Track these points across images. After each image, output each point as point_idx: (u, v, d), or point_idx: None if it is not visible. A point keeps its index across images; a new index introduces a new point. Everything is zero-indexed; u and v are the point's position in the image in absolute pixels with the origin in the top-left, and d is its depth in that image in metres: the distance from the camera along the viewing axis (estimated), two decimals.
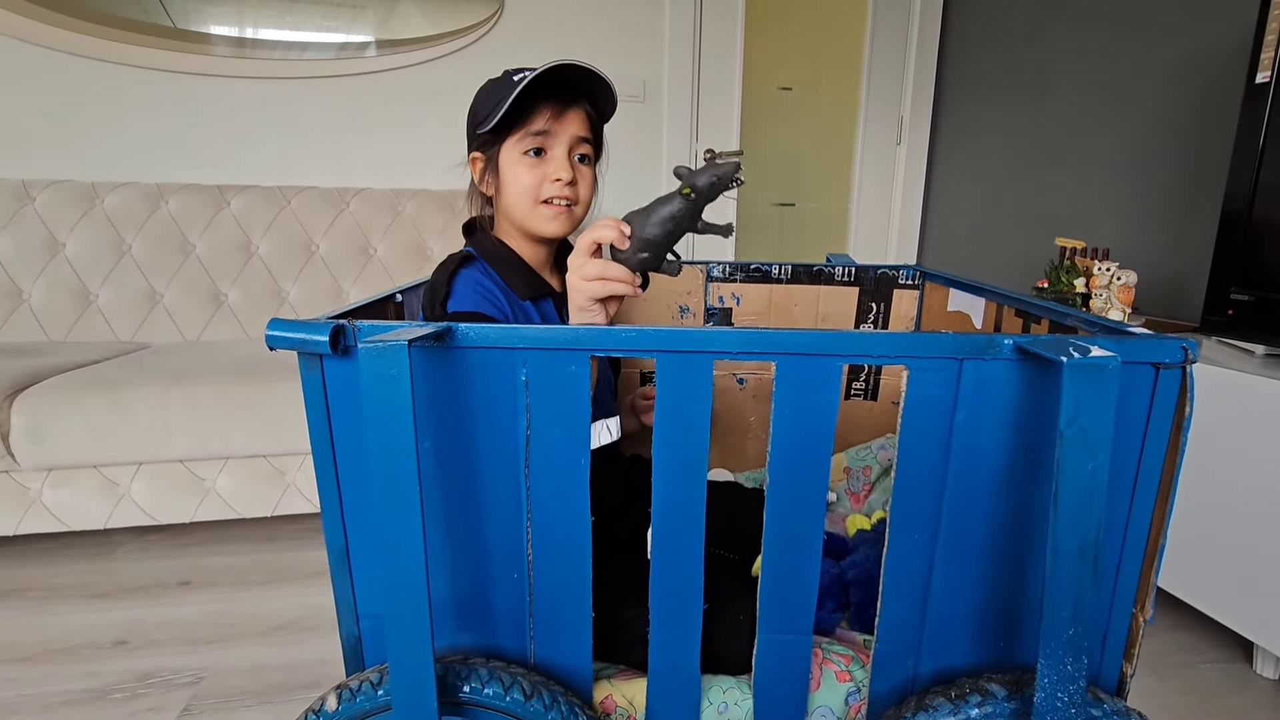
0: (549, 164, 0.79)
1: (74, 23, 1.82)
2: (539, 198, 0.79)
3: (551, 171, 0.78)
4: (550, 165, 0.79)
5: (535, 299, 0.82)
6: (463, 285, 0.78)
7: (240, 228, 1.85)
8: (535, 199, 0.79)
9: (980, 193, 2.28)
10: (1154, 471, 0.57)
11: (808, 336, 0.55)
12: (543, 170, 0.79)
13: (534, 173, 0.79)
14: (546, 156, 0.79)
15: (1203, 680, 1.09)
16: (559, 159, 0.79)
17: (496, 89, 0.78)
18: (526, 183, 0.79)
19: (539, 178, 0.79)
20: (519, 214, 0.81)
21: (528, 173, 0.79)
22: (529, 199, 0.79)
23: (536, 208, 0.80)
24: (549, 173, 0.79)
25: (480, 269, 0.81)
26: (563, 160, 0.79)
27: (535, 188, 0.79)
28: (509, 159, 0.79)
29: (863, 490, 1.13)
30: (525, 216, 0.81)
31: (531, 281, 0.83)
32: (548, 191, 0.79)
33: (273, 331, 0.53)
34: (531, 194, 0.79)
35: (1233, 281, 1.10)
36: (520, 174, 0.79)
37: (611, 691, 0.68)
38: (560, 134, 0.79)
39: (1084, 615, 0.50)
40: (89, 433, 1.32)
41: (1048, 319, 0.77)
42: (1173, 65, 1.58)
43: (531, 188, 0.79)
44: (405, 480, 0.50)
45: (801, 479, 0.59)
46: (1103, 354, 0.47)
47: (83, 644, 1.15)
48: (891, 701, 0.63)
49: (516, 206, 0.80)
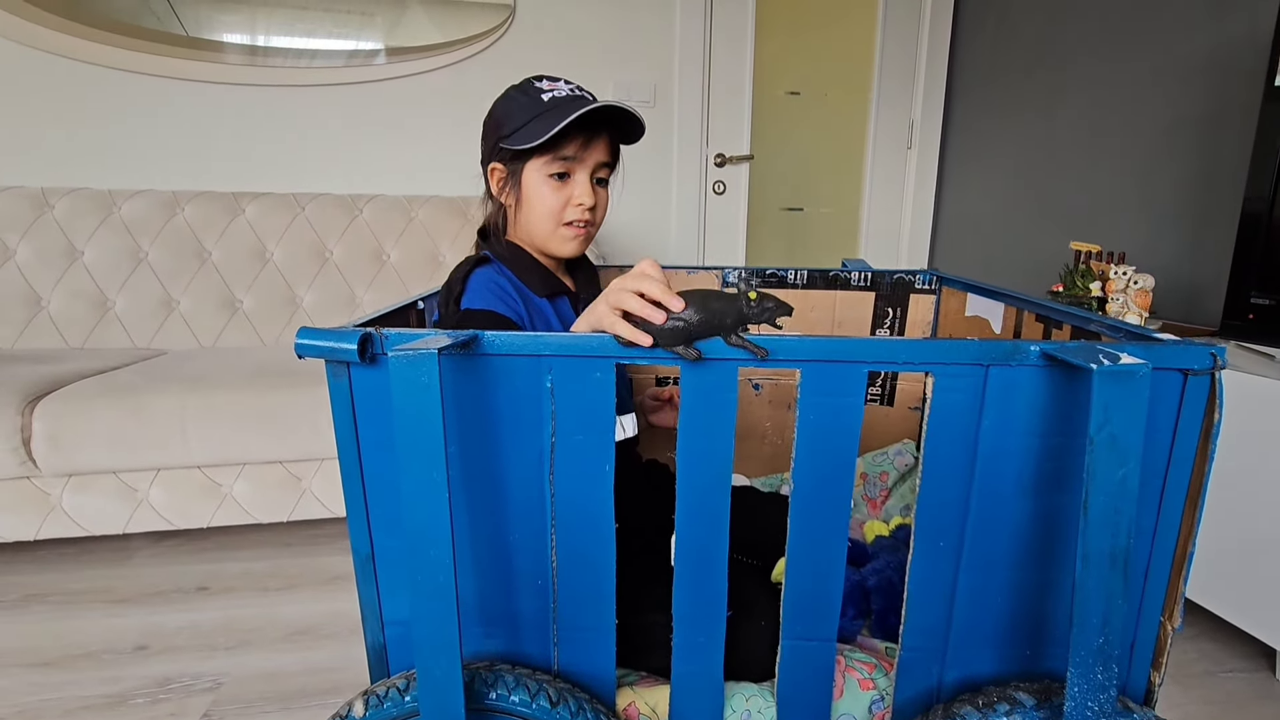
0: (573, 188, 0.82)
1: (91, 31, 1.84)
2: (561, 220, 0.82)
3: (576, 196, 0.81)
4: (574, 189, 0.81)
5: (552, 296, 0.84)
6: (477, 283, 0.79)
7: (255, 234, 1.86)
8: (558, 221, 0.82)
9: (992, 196, 2.27)
10: (1182, 478, 0.57)
11: (832, 344, 0.55)
12: (566, 194, 0.81)
13: (558, 196, 0.81)
14: (570, 180, 0.82)
15: (1225, 689, 1.08)
16: (582, 183, 0.82)
17: (525, 103, 0.80)
18: (551, 205, 0.81)
19: (563, 201, 0.81)
20: (539, 233, 0.83)
21: (552, 195, 0.81)
22: (552, 220, 0.82)
23: (558, 229, 0.83)
24: (573, 197, 0.81)
25: (496, 268, 0.83)
26: (585, 185, 0.82)
27: (559, 210, 0.82)
28: (534, 178, 0.81)
29: (880, 496, 1.13)
30: (545, 236, 0.83)
31: (548, 280, 0.85)
32: (569, 215, 0.82)
33: (302, 340, 0.54)
34: (555, 216, 0.82)
35: (1253, 285, 1.09)
36: (545, 195, 0.81)
37: (634, 698, 0.68)
38: (586, 160, 0.81)
39: (1114, 623, 0.50)
40: (108, 438, 1.33)
41: (1070, 325, 0.76)
42: (1189, 67, 1.57)
43: (555, 210, 0.82)
44: (435, 487, 0.50)
45: (826, 485, 0.59)
46: (1133, 361, 0.47)
47: (103, 649, 1.16)
48: (917, 710, 0.63)
49: (538, 226, 0.83)
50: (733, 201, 2.40)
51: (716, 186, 2.38)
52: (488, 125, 0.84)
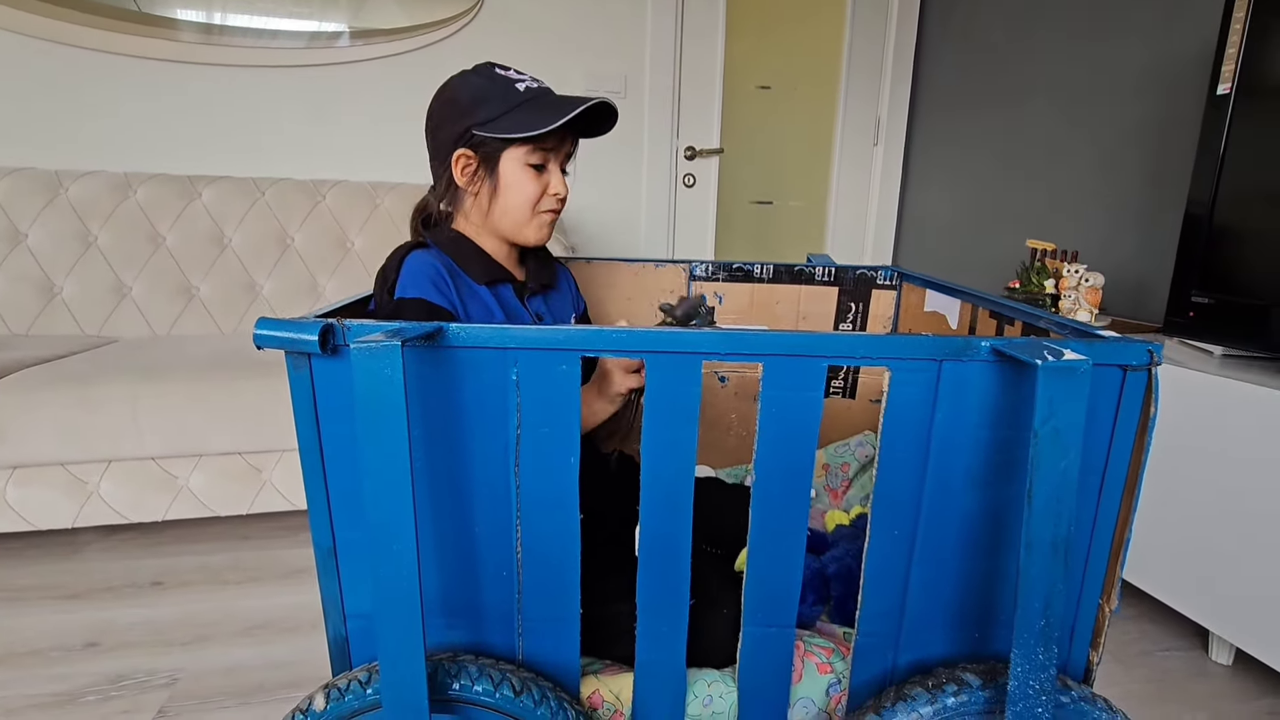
0: (549, 177, 0.84)
1: (35, 4, 1.75)
2: (539, 208, 0.84)
3: (552, 186, 0.84)
4: (550, 179, 0.84)
5: (492, 283, 0.84)
6: (411, 269, 0.78)
7: (212, 219, 1.81)
8: (534, 209, 0.84)
9: (954, 194, 2.32)
10: (1120, 469, 0.60)
11: (793, 339, 0.57)
12: (543, 183, 0.83)
13: (536, 185, 0.82)
14: (546, 170, 0.83)
15: (1163, 667, 1.13)
16: (556, 173, 0.84)
17: (496, 91, 0.79)
18: (530, 194, 0.82)
19: (540, 190, 0.83)
20: (514, 221, 0.84)
21: (531, 184, 0.82)
22: (529, 209, 0.83)
23: (535, 216, 0.84)
24: (549, 186, 0.84)
25: (434, 253, 0.82)
26: (559, 175, 0.84)
27: (536, 199, 0.83)
28: (512, 167, 0.81)
29: (841, 486, 1.16)
30: (520, 225, 0.84)
31: (490, 268, 0.85)
32: (546, 205, 0.84)
33: (261, 330, 0.53)
34: (532, 205, 0.83)
35: (1194, 285, 1.14)
36: (524, 185, 0.82)
37: (598, 686, 0.69)
38: (561, 151, 0.84)
39: (1055, 607, 0.52)
40: (55, 429, 1.28)
41: (1021, 320, 0.79)
42: (1140, 74, 1.63)
43: (533, 199, 0.83)
44: (397, 480, 0.50)
45: (786, 476, 0.60)
46: (1075, 357, 0.49)
47: (51, 646, 1.12)
48: (871, 692, 0.65)
49: (514, 214, 0.83)
50: (702, 195, 2.41)
51: (687, 179, 2.38)
52: (447, 111, 0.82)
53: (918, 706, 0.58)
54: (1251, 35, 1.06)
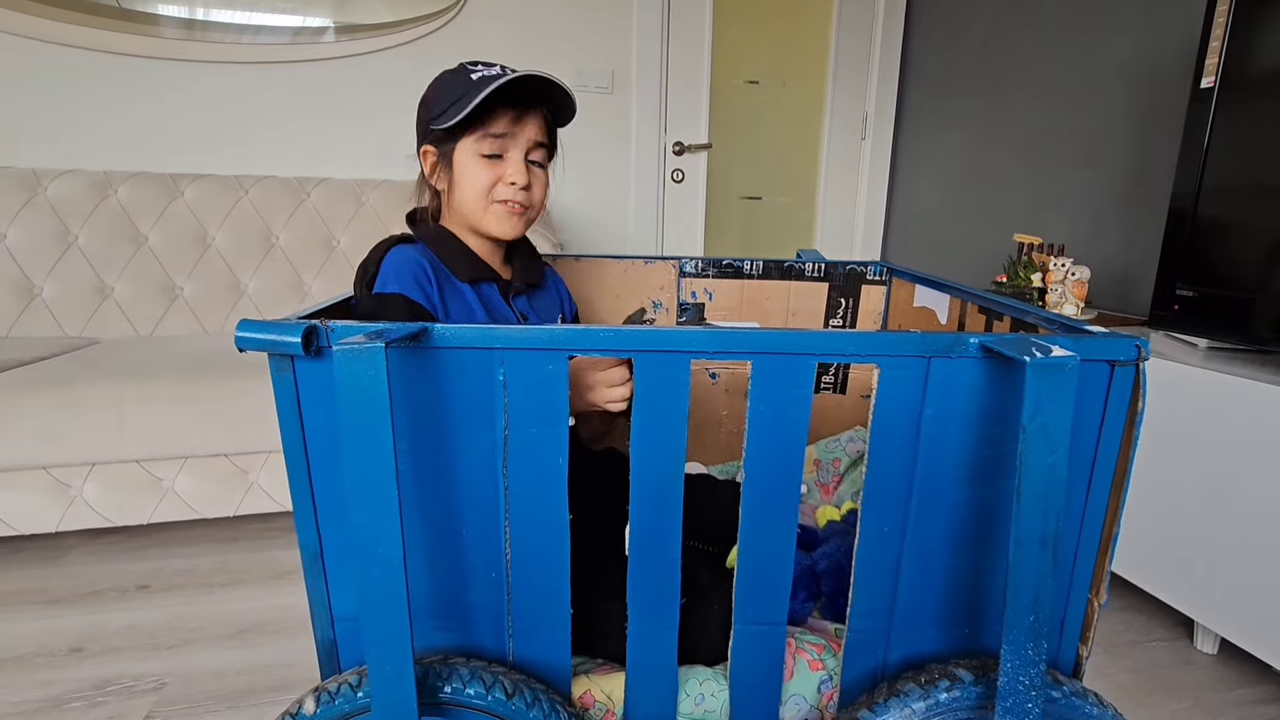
0: (505, 166, 0.81)
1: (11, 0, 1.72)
2: (492, 198, 0.81)
3: (508, 174, 0.80)
4: (506, 168, 0.80)
5: (475, 282, 0.83)
6: (391, 264, 0.77)
7: (195, 218, 1.78)
8: (489, 199, 0.81)
9: (942, 189, 2.33)
10: (1109, 463, 0.60)
11: (782, 336, 0.56)
12: (498, 172, 0.80)
13: (489, 174, 0.80)
14: (503, 159, 0.81)
15: (1149, 657, 1.15)
16: (515, 162, 0.81)
17: (454, 84, 0.78)
18: (481, 183, 0.80)
19: (493, 179, 0.80)
20: (471, 212, 0.82)
21: (483, 173, 0.80)
22: (482, 199, 0.81)
23: (490, 207, 0.81)
24: (505, 175, 0.80)
25: (418, 249, 0.81)
26: (518, 164, 0.81)
27: (489, 188, 0.81)
28: (464, 158, 0.80)
29: (832, 482, 1.16)
30: (477, 216, 0.82)
31: (473, 265, 0.83)
32: (501, 194, 0.81)
33: (242, 333, 0.52)
34: (485, 194, 0.81)
35: (1179, 278, 1.15)
36: (475, 173, 0.80)
37: (590, 686, 0.69)
38: (518, 137, 0.80)
39: (1044, 602, 0.52)
40: (37, 432, 1.26)
41: (1010, 316, 0.79)
42: (1124, 67, 1.64)
43: (485, 188, 0.80)
44: (383, 482, 0.49)
45: (776, 474, 0.60)
46: (1063, 353, 0.49)
47: (35, 652, 1.11)
48: (863, 688, 0.65)
49: (469, 205, 0.81)
50: (691, 190, 2.40)
51: (675, 175, 2.38)
52: (420, 110, 0.83)
53: (910, 702, 0.58)
54: (1235, 28, 1.07)
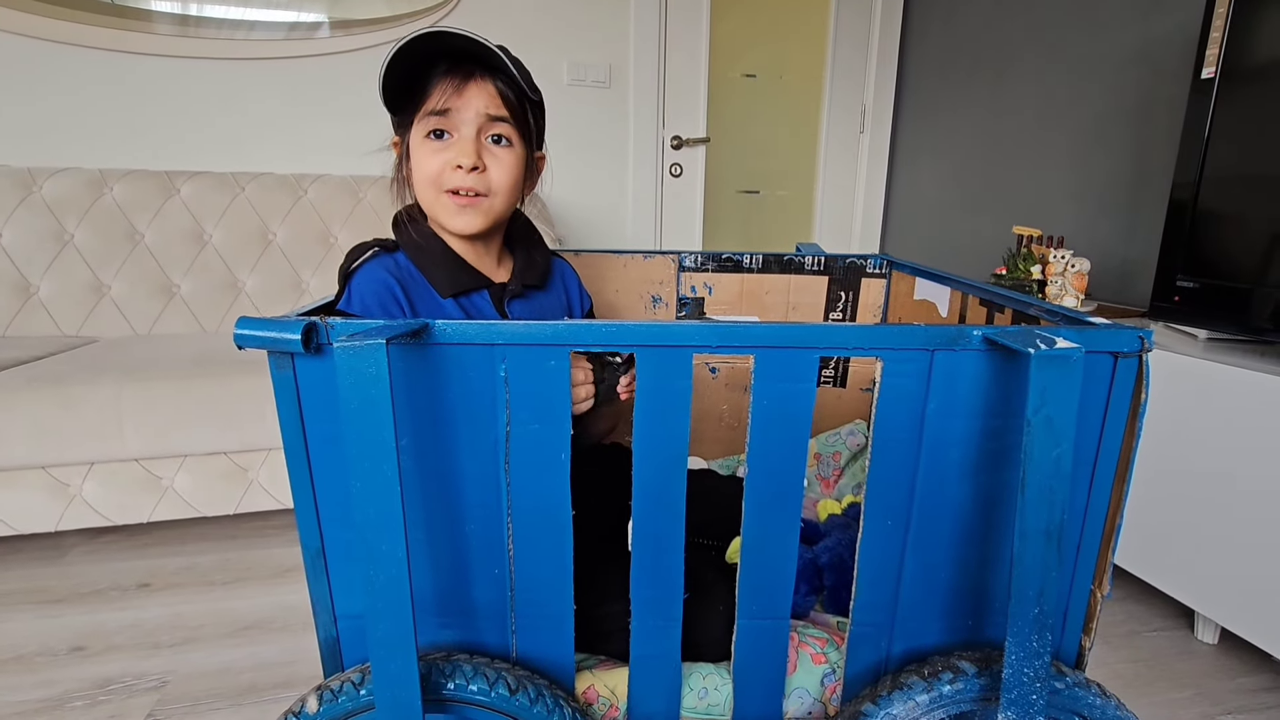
0: (452, 147, 0.71)
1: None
2: (441, 186, 0.71)
3: (453, 157, 0.70)
4: (453, 149, 0.70)
5: (460, 294, 0.75)
6: (360, 284, 0.71)
7: (191, 216, 1.77)
8: (438, 187, 0.71)
9: (941, 181, 2.33)
10: (1112, 455, 0.60)
11: (785, 330, 0.56)
12: (445, 155, 0.71)
13: (436, 158, 0.71)
14: (451, 139, 0.71)
15: (1150, 647, 1.15)
16: (464, 141, 0.70)
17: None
18: (428, 169, 0.71)
19: (441, 164, 0.71)
20: (425, 204, 0.74)
21: (430, 158, 0.71)
22: (431, 188, 0.72)
23: (440, 197, 0.72)
24: (450, 158, 0.70)
25: (393, 262, 0.74)
26: (468, 143, 0.70)
27: (437, 175, 0.71)
28: (415, 141, 0.72)
29: (833, 475, 1.16)
30: (430, 207, 0.74)
31: (456, 277, 0.75)
32: (449, 181, 0.71)
33: (241, 330, 0.51)
34: (433, 182, 0.71)
35: (1179, 269, 1.15)
36: (422, 159, 0.71)
37: (593, 682, 0.69)
38: (463, 111, 0.70)
39: (1049, 594, 0.52)
40: (35, 432, 1.25)
41: (1011, 308, 0.79)
42: (1123, 58, 1.63)
43: (433, 175, 0.71)
44: (385, 480, 0.49)
45: (779, 468, 0.60)
46: (1068, 345, 0.49)
47: (36, 652, 1.11)
48: (866, 681, 0.65)
49: (422, 197, 0.74)
50: (689, 184, 2.40)
51: (673, 169, 2.37)
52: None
53: (914, 695, 0.58)
54: (1235, 19, 1.06)
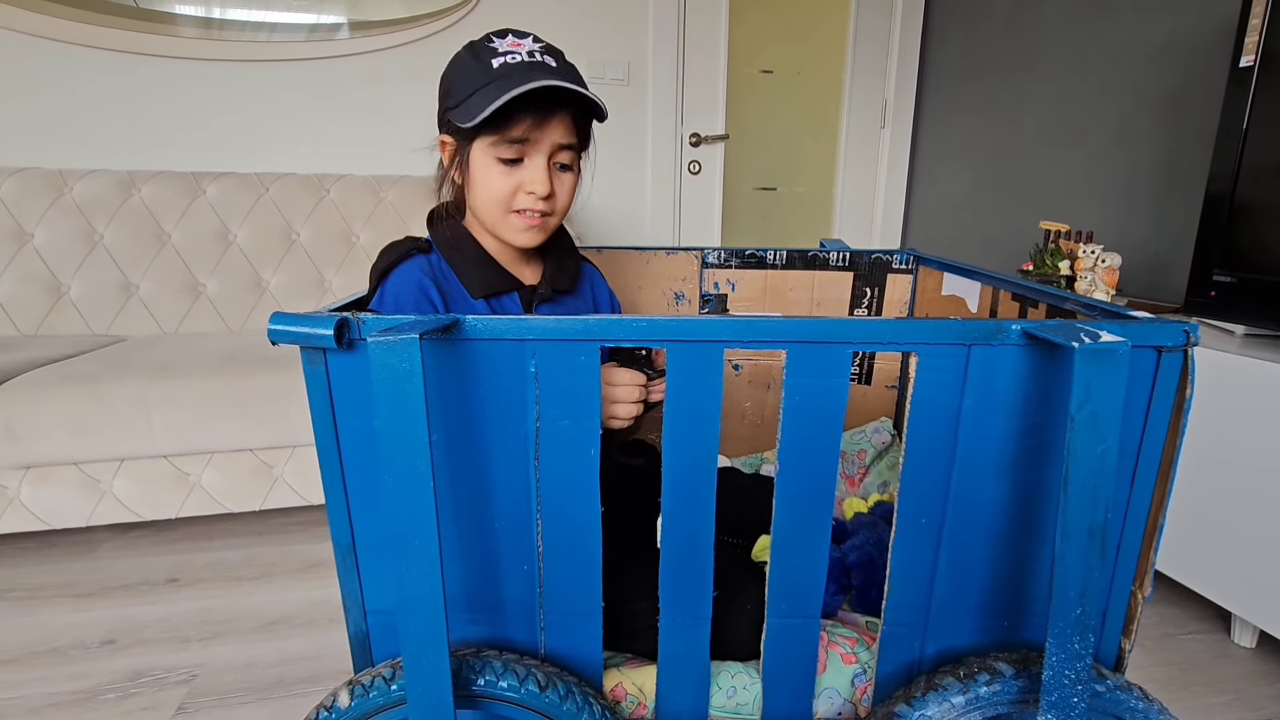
0: (525, 172, 0.72)
1: (34, 3, 1.74)
2: (510, 207, 0.73)
3: (527, 182, 0.72)
4: (526, 174, 0.72)
5: (492, 296, 0.77)
6: (394, 286, 0.71)
7: (217, 216, 1.80)
8: (506, 209, 0.73)
9: (964, 176, 2.29)
10: (1155, 452, 0.59)
11: (817, 324, 0.55)
12: (517, 179, 0.72)
13: (507, 181, 0.72)
14: (523, 165, 0.72)
15: (1185, 650, 1.12)
16: (537, 169, 0.72)
17: (473, 69, 0.70)
18: (497, 191, 0.72)
19: (512, 187, 0.72)
20: (488, 220, 0.76)
21: (500, 180, 0.72)
22: (499, 208, 0.73)
23: (507, 217, 0.74)
24: (524, 183, 0.72)
25: (427, 263, 0.75)
26: (540, 171, 0.72)
27: (508, 197, 0.73)
28: (481, 159, 0.72)
29: (858, 474, 1.15)
30: (494, 224, 0.75)
31: (488, 280, 0.77)
32: (520, 203, 0.73)
33: (275, 326, 0.52)
34: (503, 204, 0.73)
35: (1216, 263, 1.12)
36: (491, 180, 0.72)
37: (621, 679, 0.69)
38: (541, 142, 0.71)
39: (1091, 595, 0.51)
40: (68, 429, 1.28)
41: (1046, 303, 0.77)
42: (1156, 46, 1.60)
43: (503, 197, 0.73)
44: (418, 475, 0.49)
45: (811, 465, 0.59)
46: (1113, 339, 0.47)
47: (69, 644, 1.13)
48: (899, 682, 0.64)
49: (486, 213, 0.75)
50: (708, 181, 2.38)
51: (692, 166, 2.36)
52: (440, 90, 0.75)
53: (949, 696, 0.57)
54: (1277, 4, 1.03)
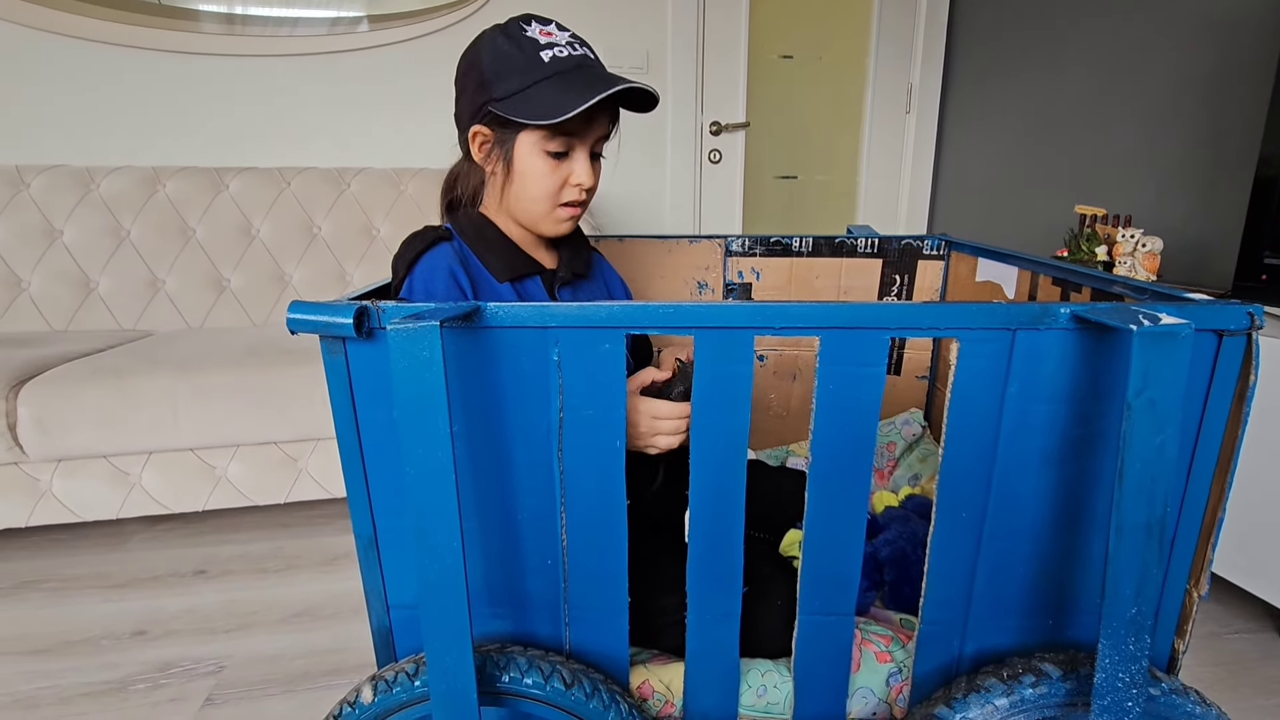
0: (572, 165, 0.74)
1: (61, 1, 1.76)
2: (559, 199, 0.75)
3: (575, 175, 0.74)
4: (574, 167, 0.74)
5: (516, 280, 0.77)
6: (422, 273, 0.71)
7: (240, 211, 1.81)
8: (555, 202, 0.75)
9: (993, 160, 2.23)
10: (1213, 443, 0.55)
11: (854, 309, 0.53)
12: (565, 173, 0.74)
13: (556, 175, 0.74)
14: (569, 157, 0.74)
15: (1232, 650, 1.08)
16: (582, 161, 0.74)
17: (518, 60, 0.70)
18: (548, 186, 0.74)
19: (560, 180, 0.74)
20: (531, 213, 0.76)
21: (550, 175, 0.73)
22: (548, 202, 0.75)
23: (555, 210, 0.76)
24: (572, 175, 0.74)
25: (451, 250, 0.74)
26: (586, 164, 0.74)
27: (556, 191, 0.74)
28: (528, 152, 0.73)
29: (888, 466, 1.12)
30: (538, 217, 0.76)
31: (512, 263, 0.77)
32: (568, 196, 0.75)
33: (294, 314, 0.51)
34: (552, 197, 0.75)
35: (1267, 246, 1.07)
36: (542, 175, 0.73)
37: (648, 676, 0.67)
38: (588, 137, 0.74)
39: (1148, 594, 0.48)
40: (97, 422, 1.29)
41: (1090, 287, 0.74)
42: (1196, 24, 1.53)
43: (552, 191, 0.74)
44: (440, 466, 0.47)
45: (846, 458, 0.57)
46: (1175, 321, 0.44)
47: (101, 635, 1.14)
48: (937, 682, 0.62)
49: (531, 206, 0.76)
50: (729, 170, 2.35)
51: (712, 155, 2.32)
52: (469, 78, 0.73)
53: (993, 698, 0.55)
54: None
